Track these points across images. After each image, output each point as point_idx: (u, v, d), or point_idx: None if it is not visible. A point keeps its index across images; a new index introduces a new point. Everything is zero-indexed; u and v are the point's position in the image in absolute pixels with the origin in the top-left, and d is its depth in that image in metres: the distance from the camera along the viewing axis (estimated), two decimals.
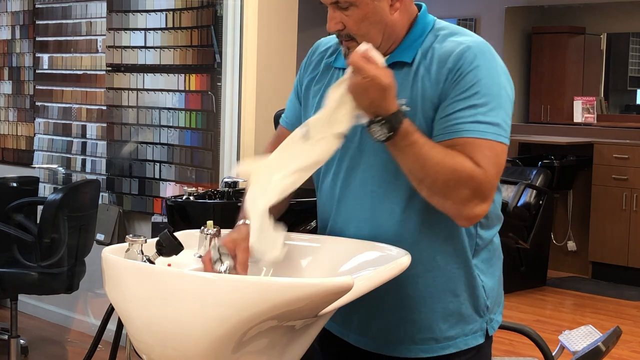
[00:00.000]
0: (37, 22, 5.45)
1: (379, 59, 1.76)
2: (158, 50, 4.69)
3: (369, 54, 1.76)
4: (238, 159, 4.32)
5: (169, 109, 4.66)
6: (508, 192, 6.73)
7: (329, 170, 1.97)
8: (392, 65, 1.85)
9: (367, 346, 1.98)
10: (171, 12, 4.63)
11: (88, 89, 5.14)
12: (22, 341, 4.63)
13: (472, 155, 1.76)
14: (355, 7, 1.84)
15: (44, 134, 5.45)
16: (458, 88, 1.80)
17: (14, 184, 4.78)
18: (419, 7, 1.96)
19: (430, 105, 1.83)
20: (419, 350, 1.93)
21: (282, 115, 2.14)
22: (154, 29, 4.71)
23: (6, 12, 5.67)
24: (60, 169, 5.32)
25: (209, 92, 4.45)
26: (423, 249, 1.89)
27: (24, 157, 5.58)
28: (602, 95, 8.32)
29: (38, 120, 5.48)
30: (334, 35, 1.99)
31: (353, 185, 1.93)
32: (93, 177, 4.94)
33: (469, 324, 1.95)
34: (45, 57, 5.42)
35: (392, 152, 1.79)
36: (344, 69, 1.92)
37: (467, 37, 1.87)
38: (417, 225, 1.88)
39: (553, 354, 2.81)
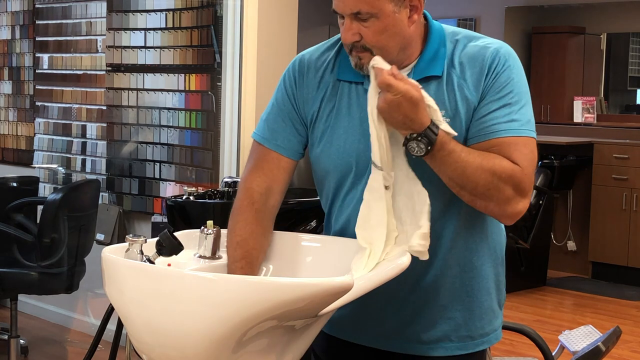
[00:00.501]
0: (37, 22, 5.45)
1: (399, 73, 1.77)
2: (158, 50, 4.69)
3: (395, 71, 1.76)
4: (238, 159, 4.32)
5: (169, 109, 4.66)
6: None
7: (360, 181, 1.90)
8: (422, 80, 1.84)
9: (397, 348, 1.98)
10: (171, 12, 4.63)
11: (88, 89, 5.14)
12: (22, 341, 4.63)
13: (509, 154, 1.80)
14: (376, 19, 1.81)
15: (44, 134, 5.45)
16: (494, 89, 1.84)
17: (14, 184, 4.79)
18: (424, 16, 1.94)
19: (472, 104, 1.85)
20: (455, 347, 1.97)
21: (266, 136, 1.98)
22: (154, 29, 4.71)
23: (6, 12, 5.67)
24: (60, 169, 5.32)
25: (209, 92, 4.45)
26: (460, 251, 1.93)
27: (24, 157, 5.58)
28: (602, 95, 8.32)
29: (38, 120, 5.48)
30: (317, 48, 1.98)
31: None
32: (93, 177, 4.94)
33: (497, 318, 2.03)
34: (45, 57, 5.42)
35: (430, 164, 1.79)
36: (352, 82, 1.90)
37: (489, 40, 1.90)
38: (454, 229, 1.91)
39: (553, 354, 2.81)
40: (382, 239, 1.83)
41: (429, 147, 1.75)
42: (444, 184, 1.82)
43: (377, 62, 1.79)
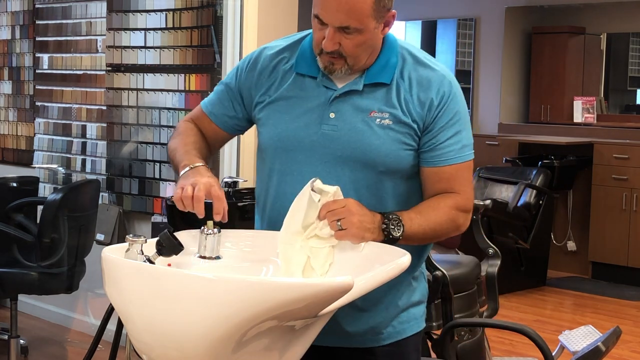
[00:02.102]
0: (37, 22, 5.45)
1: (330, 188, 1.91)
2: (158, 50, 4.69)
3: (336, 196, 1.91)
4: (238, 159, 4.32)
5: (169, 109, 4.67)
6: (508, 192, 6.73)
7: (300, 166, 2.05)
8: (371, 84, 2.02)
9: (333, 343, 2.07)
10: (171, 12, 4.63)
11: (88, 89, 5.14)
12: (22, 341, 4.63)
13: (454, 184, 2.04)
14: (359, 33, 1.95)
15: (44, 134, 5.45)
16: (444, 117, 2.01)
17: (14, 184, 4.78)
18: None
19: (415, 123, 2.01)
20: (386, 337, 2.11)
21: (207, 102, 2.24)
22: (154, 29, 4.71)
23: (6, 12, 5.67)
24: (60, 169, 5.31)
25: (209, 92, 4.44)
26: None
27: (24, 157, 5.58)
28: (602, 95, 8.31)
29: (38, 120, 5.48)
30: (283, 40, 2.13)
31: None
32: (93, 177, 4.94)
33: (415, 298, 2.22)
34: (45, 57, 5.42)
35: (405, 242, 1.95)
36: (309, 76, 2.05)
37: (438, 66, 2.06)
38: None
39: (553, 354, 2.81)
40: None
41: (401, 222, 1.93)
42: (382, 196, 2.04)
43: (319, 185, 1.90)
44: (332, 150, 2.01)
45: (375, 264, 1.85)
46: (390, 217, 1.93)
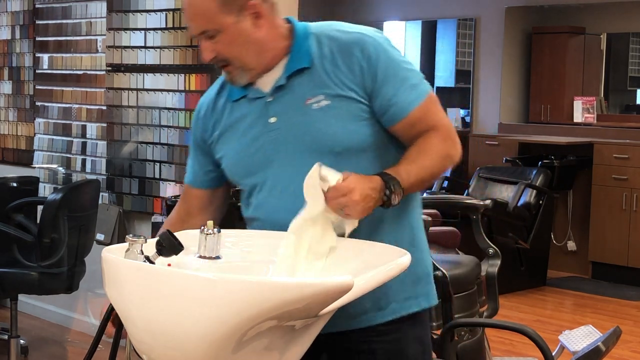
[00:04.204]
0: (37, 22, 5.45)
1: (333, 176, 1.89)
2: (158, 50, 4.69)
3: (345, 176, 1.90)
4: None
5: (169, 109, 4.67)
6: (508, 192, 6.73)
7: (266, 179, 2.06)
8: (294, 75, 2.02)
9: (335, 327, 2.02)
10: (171, 12, 4.63)
11: (88, 89, 5.14)
12: (22, 341, 4.62)
13: (430, 124, 2.03)
14: (222, 33, 1.97)
15: (44, 134, 5.45)
16: (380, 73, 2.00)
17: (14, 184, 4.78)
18: (288, 20, 2.12)
19: (353, 92, 2.00)
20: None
21: (187, 175, 2.23)
22: (154, 29, 4.71)
23: (6, 12, 5.67)
24: (60, 169, 5.32)
25: None
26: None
27: (24, 157, 5.58)
28: (602, 95, 8.31)
29: (38, 120, 5.48)
30: (216, 82, 2.16)
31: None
32: (93, 177, 4.94)
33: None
34: (45, 57, 5.42)
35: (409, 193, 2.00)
36: (241, 98, 2.08)
37: (353, 29, 2.06)
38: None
39: (553, 354, 2.81)
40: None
41: (402, 190, 1.93)
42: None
43: (324, 172, 1.90)
44: (289, 150, 2.02)
45: (375, 264, 1.85)
46: (391, 185, 1.92)
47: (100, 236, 4.80)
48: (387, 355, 2.08)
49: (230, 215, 2.07)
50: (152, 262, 1.80)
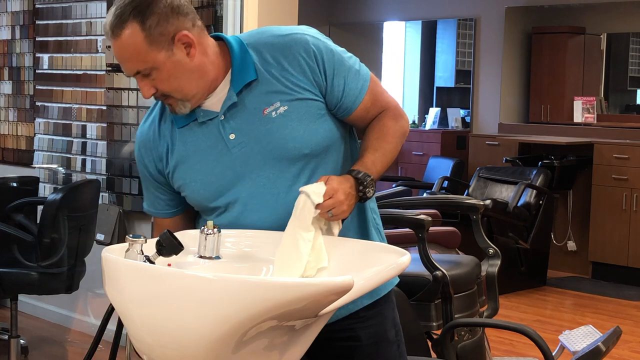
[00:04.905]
0: (37, 22, 5.45)
1: (317, 189, 1.94)
2: None
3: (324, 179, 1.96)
4: None
5: None
6: (508, 192, 6.73)
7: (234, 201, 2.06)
8: (242, 90, 2.00)
9: None
10: None
11: (88, 89, 5.14)
12: (22, 341, 4.62)
13: (378, 105, 2.10)
14: (157, 70, 1.94)
15: (44, 134, 5.45)
16: (329, 69, 2.02)
17: (14, 184, 4.78)
18: (217, 37, 2.09)
19: (310, 92, 2.02)
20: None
21: (154, 212, 2.21)
22: None
23: (6, 12, 5.67)
24: (60, 169, 5.31)
25: None
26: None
27: (24, 157, 5.58)
28: (602, 95, 8.31)
29: (38, 120, 5.48)
30: (144, 120, 2.14)
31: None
32: (93, 177, 4.94)
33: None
34: (45, 57, 5.42)
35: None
36: (191, 122, 2.04)
37: (287, 31, 2.06)
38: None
39: (553, 354, 2.81)
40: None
41: (371, 179, 2.00)
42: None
43: (307, 190, 1.94)
44: (259, 162, 2.02)
45: (375, 264, 1.85)
46: (364, 181, 1.99)
47: (100, 236, 4.80)
48: (371, 338, 2.13)
49: None
50: (152, 262, 1.80)
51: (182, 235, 1.90)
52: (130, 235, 1.81)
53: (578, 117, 7.86)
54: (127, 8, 1.98)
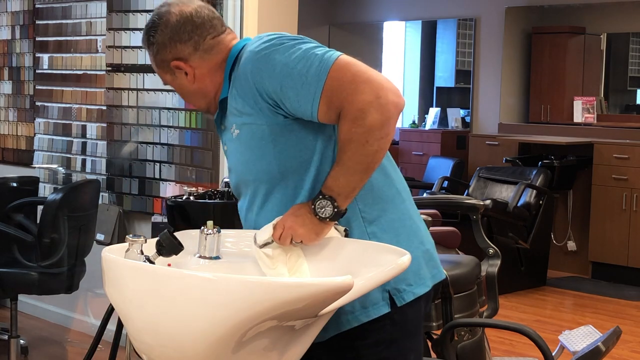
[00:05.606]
0: (37, 22, 5.45)
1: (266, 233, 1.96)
2: None
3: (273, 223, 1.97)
4: None
5: (169, 109, 4.66)
6: (508, 192, 6.73)
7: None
8: (221, 103, 2.08)
9: None
10: None
11: (88, 89, 5.14)
12: (22, 341, 4.63)
13: (337, 103, 1.89)
14: (171, 85, 2.14)
15: (44, 134, 5.44)
16: (275, 84, 1.94)
17: (14, 184, 4.78)
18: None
19: (266, 103, 1.98)
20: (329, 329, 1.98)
21: None
22: None
23: (6, 12, 5.67)
24: (60, 169, 5.31)
25: None
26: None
27: (24, 157, 5.58)
28: (602, 95, 8.31)
29: (38, 120, 5.48)
30: None
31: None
32: (93, 177, 4.94)
33: (367, 295, 1.96)
34: (45, 57, 5.42)
35: (352, 195, 1.97)
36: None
37: (253, 42, 2.03)
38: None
39: (553, 354, 2.81)
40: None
41: (328, 197, 1.92)
42: None
43: (259, 239, 1.96)
44: (240, 176, 2.11)
45: (375, 264, 1.85)
46: (316, 200, 1.93)
47: (100, 236, 4.80)
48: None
49: (230, 216, 2.07)
50: (152, 262, 1.80)
51: (182, 235, 1.91)
52: (130, 235, 1.81)
53: (578, 117, 7.86)
54: (143, 34, 2.17)
